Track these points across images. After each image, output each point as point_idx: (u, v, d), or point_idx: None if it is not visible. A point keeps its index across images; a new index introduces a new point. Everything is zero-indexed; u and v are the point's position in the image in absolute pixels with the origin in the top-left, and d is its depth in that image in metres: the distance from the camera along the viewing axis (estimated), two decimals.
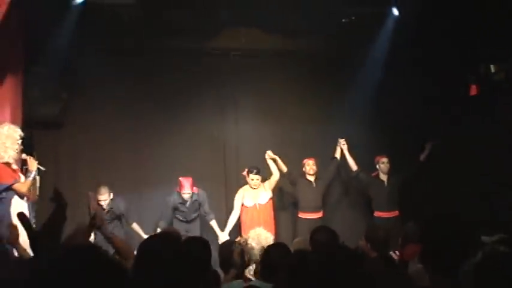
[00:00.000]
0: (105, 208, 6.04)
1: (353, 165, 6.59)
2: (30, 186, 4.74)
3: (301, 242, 3.90)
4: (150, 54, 6.69)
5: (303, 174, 6.60)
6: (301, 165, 6.61)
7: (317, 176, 6.58)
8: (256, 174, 6.30)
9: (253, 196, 6.33)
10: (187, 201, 6.22)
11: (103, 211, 5.93)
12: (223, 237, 6.07)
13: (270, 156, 6.40)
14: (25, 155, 4.92)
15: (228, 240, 4.96)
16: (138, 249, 2.10)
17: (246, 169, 6.39)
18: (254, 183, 6.31)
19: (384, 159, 6.57)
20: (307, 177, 6.56)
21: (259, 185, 6.33)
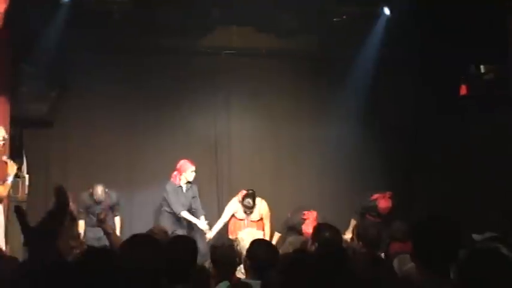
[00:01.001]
0: (97, 200, 6.03)
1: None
2: (9, 189, 4.68)
3: (297, 241, 3.90)
4: (141, 52, 6.65)
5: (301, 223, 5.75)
6: (301, 213, 5.85)
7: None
8: (250, 208, 6.01)
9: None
10: (190, 184, 6.22)
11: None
12: (209, 233, 6.01)
13: None
14: (5, 158, 4.86)
15: (220, 238, 4.93)
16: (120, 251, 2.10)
17: (242, 194, 6.11)
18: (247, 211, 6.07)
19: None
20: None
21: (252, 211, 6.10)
